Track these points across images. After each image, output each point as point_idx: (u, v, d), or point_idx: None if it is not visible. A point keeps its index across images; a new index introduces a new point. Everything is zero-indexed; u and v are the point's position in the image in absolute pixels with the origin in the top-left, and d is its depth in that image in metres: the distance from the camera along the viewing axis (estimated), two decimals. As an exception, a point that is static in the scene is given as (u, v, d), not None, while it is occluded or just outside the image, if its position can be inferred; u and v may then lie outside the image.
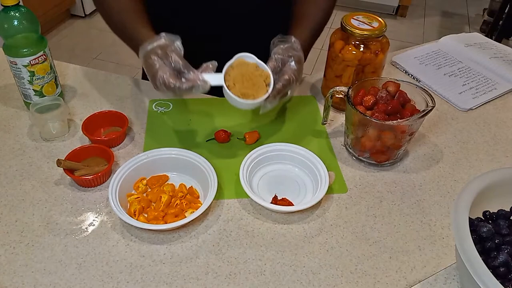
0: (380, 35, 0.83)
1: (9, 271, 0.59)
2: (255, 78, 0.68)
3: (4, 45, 0.78)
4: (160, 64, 0.66)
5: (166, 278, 0.60)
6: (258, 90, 0.68)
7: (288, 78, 0.70)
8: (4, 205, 0.68)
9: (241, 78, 0.68)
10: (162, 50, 0.67)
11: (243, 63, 0.69)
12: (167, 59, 0.66)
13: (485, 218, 0.58)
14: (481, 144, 0.85)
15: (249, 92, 0.68)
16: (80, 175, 0.71)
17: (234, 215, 0.69)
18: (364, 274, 0.61)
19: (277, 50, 0.73)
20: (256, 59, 0.69)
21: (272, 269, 0.61)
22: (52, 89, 0.85)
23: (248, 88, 0.68)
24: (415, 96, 0.76)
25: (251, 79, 0.68)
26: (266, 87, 0.68)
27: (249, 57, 0.69)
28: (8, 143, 0.79)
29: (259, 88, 0.68)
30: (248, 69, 0.69)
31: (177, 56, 0.66)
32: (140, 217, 0.66)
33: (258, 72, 0.69)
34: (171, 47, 0.68)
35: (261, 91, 0.68)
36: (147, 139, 0.81)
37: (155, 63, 0.66)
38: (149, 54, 0.67)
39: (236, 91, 0.67)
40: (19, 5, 0.76)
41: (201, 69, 0.68)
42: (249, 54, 0.69)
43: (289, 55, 0.72)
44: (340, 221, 0.69)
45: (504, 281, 0.50)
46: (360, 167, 0.79)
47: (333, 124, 0.88)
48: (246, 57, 0.69)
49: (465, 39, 1.17)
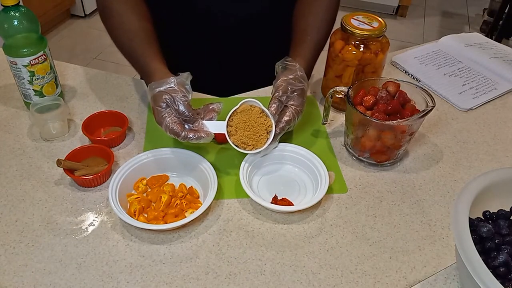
0: (380, 35, 0.83)
1: (9, 271, 0.59)
2: (258, 126, 0.71)
3: (4, 45, 0.78)
4: (167, 112, 0.68)
5: (166, 278, 0.60)
6: (258, 140, 0.71)
7: (289, 119, 0.73)
8: (4, 205, 0.68)
9: (243, 125, 0.71)
10: (170, 96, 0.69)
11: (247, 108, 0.72)
12: (174, 106, 0.68)
13: (485, 218, 0.58)
14: (481, 144, 0.85)
15: (249, 141, 0.71)
16: (80, 175, 0.71)
17: (234, 215, 0.69)
18: (364, 274, 0.61)
19: (280, 85, 0.74)
20: (261, 106, 0.72)
21: (272, 269, 0.61)
22: (52, 89, 0.85)
23: (249, 137, 0.71)
24: (415, 96, 0.76)
25: (253, 127, 0.71)
26: (267, 135, 0.72)
27: (255, 102, 0.72)
28: (8, 143, 0.79)
29: (260, 137, 0.71)
30: (251, 116, 0.71)
31: (184, 107, 0.68)
32: (140, 217, 0.66)
33: (261, 120, 0.71)
34: (179, 95, 0.69)
35: (261, 141, 0.71)
36: (147, 139, 0.81)
37: (162, 111, 0.68)
38: (157, 98, 0.69)
39: (237, 139, 0.71)
40: (19, 5, 0.76)
41: (204, 112, 0.71)
42: (254, 100, 0.72)
43: (292, 90, 0.74)
44: (340, 221, 0.69)
45: (504, 281, 0.50)
46: (360, 167, 0.79)
47: (333, 124, 0.88)
48: (251, 102, 0.72)
49: (465, 39, 1.17)
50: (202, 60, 1.02)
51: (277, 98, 0.73)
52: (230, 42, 0.95)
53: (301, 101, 0.75)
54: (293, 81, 0.74)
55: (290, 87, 0.74)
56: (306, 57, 0.81)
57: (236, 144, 0.71)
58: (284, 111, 0.73)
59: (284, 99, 0.73)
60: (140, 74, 0.81)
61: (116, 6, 0.80)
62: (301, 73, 0.76)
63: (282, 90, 0.73)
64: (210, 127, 0.70)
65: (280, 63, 0.79)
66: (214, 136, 0.70)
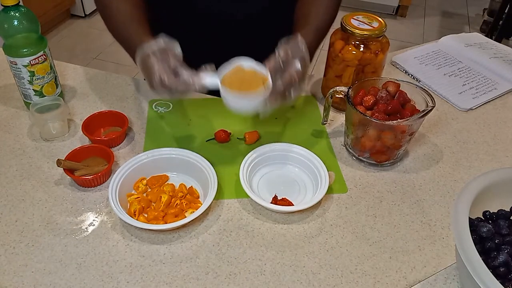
0: (380, 35, 0.83)
1: (9, 271, 0.59)
2: (253, 80, 0.67)
3: (4, 45, 0.78)
4: (158, 64, 0.65)
5: (166, 278, 0.60)
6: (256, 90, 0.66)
7: (289, 79, 0.67)
8: (4, 205, 0.68)
9: (238, 80, 0.67)
10: (160, 52, 0.67)
11: (240, 70, 0.68)
12: (165, 61, 0.66)
13: (485, 218, 0.58)
14: (481, 144, 0.85)
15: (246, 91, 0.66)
16: (80, 175, 0.71)
17: (234, 215, 0.69)
18: (364, 274, 0.61)
19: (281, 49, 0.70)
20: (253, 65, 0.68)
21: (272, 269, 0.61)
22: (52, 89, 0.85)
23: (245, 88, 0.66)
24: (415, 96, 0.76)
25: (248, 81, 0.67)
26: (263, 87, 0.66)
27: (247, 62, 0.68)
28: (8, 143, 0.79)
29: (257, 88, 0.66)
30: (245, 74, 0.68)
31: (175, 59, 0.66)
32: (140, 217, 0.66)
33: (257, 75, 0.67)
34: (170, 50, 0.67)
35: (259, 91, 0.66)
36: (147, 139, 0.81)
37: (154, 63, 0.66)
38: (148, 54, 0.67)
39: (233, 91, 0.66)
40: (19, 5, 0.76)
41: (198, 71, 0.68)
42: (246, 58, 0.68)
43: (293, 55, 0.69)
44: (340, 221, 0.69)
45: (504, 281, 0.50)
46: (360, 167, 0.79)
47: (333, 124, 0.88)
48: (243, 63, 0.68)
49: (465, 39, 1.17)
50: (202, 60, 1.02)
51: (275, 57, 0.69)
52: (230, 42, 0.95)
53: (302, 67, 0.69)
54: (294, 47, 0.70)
55: (291, 53, 0.69)
56: (307, 39, 0.76)
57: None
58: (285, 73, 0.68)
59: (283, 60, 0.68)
60: (127, 47, 0.78)
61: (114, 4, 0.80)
62: (302, 45, 0.71)
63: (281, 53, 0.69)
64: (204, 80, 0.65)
65: (282, 40, 0.74)
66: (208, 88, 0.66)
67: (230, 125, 0.84)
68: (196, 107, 0.90)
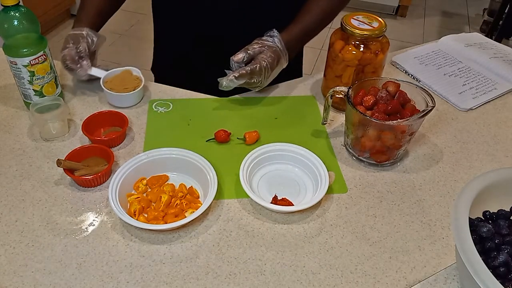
0: (380, 35, 0.83)
1: (9, 271, 0.59)
2: (131, 83, 0.89)
3: (4, 45, 0.78)
4: (70, 46, 0.85)
5: (166, 278, 0.60)
6: (129, 91, 0.87)
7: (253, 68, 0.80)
8: (4, 205, 0.68)
9: (120, 82, 0.89)
10: (76, 37, 0.86)
11: (127, 72, 0.92)
12: (77, 45, 0.85)
13: (485, 218, 0.58)
14: (481, 144, 0.85)
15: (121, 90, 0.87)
16: (80, 175, 0.71)
17: (234, 215, 0.69)
18: (364, 274, 0.61)
19: (253, 42, 0.84)
20: (139, 72, 0.91)
21: (272, 269, 0.61)
22: (52, 89, 0.85)
23: (121, 89, 0.87)
24: (415, 96, 0.76)
25: (128, 83, 0.89)
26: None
27: (136, 69, 0.92)
28: (8, 143, 0.79)
29: (130, 90, 0.88)
30: (127, 78, 0.90)
31: (85, 45, 0.85)
32: (140, 217, 0.66)
33: (137, 81, 0.90)
34: (85, 38, 0.86)
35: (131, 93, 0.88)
36: (147, 139, 0.81)
37: (67, 45, 0.85)
38: (68, 37, 0.86)
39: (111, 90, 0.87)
40: (19, 5, 0.76)
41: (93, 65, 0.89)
42: (135, 68, 0.92)
43: (264, 46, 0.82)
44: (340, 221, 0.69)
45: (504, 281, 0.50)
46: (360, 167, 0.78)
47: (333, 124, 0.88)
48: (133, 68, 0.92)
49: (465, 39, 1.17)
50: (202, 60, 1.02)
51: (245, 49, 0.82)
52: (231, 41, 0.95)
53: (269, 54, 0.81)
54: (267, 40, 0.83)
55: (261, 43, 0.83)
56: (291, 33, 0.87)
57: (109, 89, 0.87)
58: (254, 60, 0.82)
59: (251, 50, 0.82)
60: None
61: None
62: (274, 34, 0.84)
63: (251, 45, 0.83)
64: (94, 71, 0.89)
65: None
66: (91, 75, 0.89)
67: (230, 125, 0.84)
68: (196, 107, 0.90)
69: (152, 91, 0.93)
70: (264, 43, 0.83)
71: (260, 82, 0.83)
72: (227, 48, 0.87)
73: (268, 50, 0.82)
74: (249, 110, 0.90)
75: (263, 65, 0.81)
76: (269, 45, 0.83)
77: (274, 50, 0.83)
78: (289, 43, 0.86)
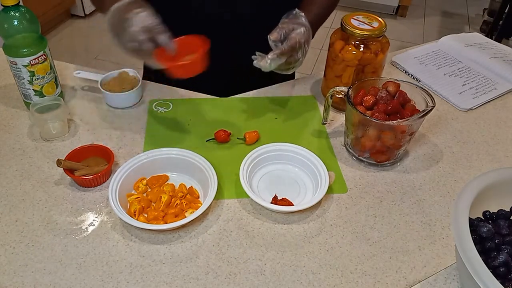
0: (380, 35, 0.83)
1: (9, 271, 0.59)
2: (129, 82, 0.89)
3: (4, 45, 0.78)
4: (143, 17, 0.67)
5: (166, 278, 0.60)
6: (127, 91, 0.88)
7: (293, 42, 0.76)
8: (4, 205, 0.68)
9: (117, 83, 0.89)
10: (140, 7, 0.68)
11: (124, 73, 0.91)
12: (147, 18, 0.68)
13: (485, 218, 0.58)
14: (481, 144, 0.85)
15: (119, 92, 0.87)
16: (80, 175, 0.71)
17: (234, 215, 0.69)
18: (364, 274, 0.61)
19: (283, 21, 0.79)
20: (135, 73, 0.92)
21: (272, 269, 0.61)
22: (52, 89, 0.85)
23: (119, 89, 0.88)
24: (415, 96, 0.76)
25: (125, 83, 0.89)
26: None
27: (132, 70, 0.92)
28: (8, 143, 0.79)
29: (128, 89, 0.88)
30: (124, 77, 0.90)
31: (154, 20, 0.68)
32: (140, 217, 0.66)
33: (132, 80, 0.90)
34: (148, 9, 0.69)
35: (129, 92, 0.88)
36: (147, 139, 0.81)
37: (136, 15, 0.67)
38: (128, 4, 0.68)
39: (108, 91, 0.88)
40: (19, 5, 0.76)
41: None
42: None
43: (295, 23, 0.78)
44: (340, 221, 0.69)
45: (504, 281, 0.50)
46: (360, 167, 0.78)
47: (333, 124, 0.88)
48: (128, 70, 0.92)
49: (465, 39, 1.17)
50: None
51: (278, 28, 0.77)
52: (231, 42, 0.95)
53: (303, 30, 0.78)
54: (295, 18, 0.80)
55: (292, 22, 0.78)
56: (312, 13, 0.84)
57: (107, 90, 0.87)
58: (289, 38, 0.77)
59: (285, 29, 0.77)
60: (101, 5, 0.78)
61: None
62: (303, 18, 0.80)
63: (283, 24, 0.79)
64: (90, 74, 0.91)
65: (284, 16, 0.82)
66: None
67: (230, 125, 0.84)
68: (196, 107, 0.90)
69: (152, 91, 0.93)
70: (294, 21, 0.79)
71: (299, 58, 0.80)
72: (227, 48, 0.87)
73: (300, 26, 0.78)
74: (249, 110, 0.90)
75: (301, 41, 0.77)
76: (299, 22, 0.79)
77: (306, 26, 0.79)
78: (311, 22, 0.83)
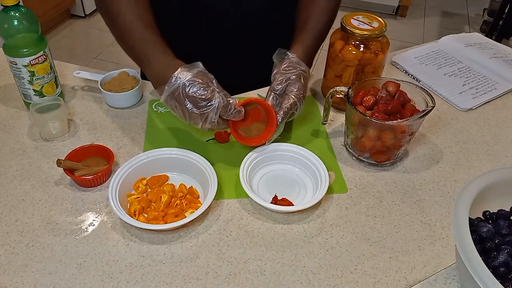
0: (380, 35, 0.83)
1: (9, 271, 0.59)
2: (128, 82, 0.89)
3: (4, 45, 0.78)
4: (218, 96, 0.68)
5: (166, 278, 0.60)
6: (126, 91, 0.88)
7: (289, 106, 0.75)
8: (4, 205, 0.68)
9: (117, 83, 0.89)
10: (205, 77, 0.69)
11: (124, 73, 0.91)
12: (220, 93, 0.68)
13: (485, 218, 0.58)
14: (481, 144, 0.85)
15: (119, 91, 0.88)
16: (80, 175, 0.71)
17: (234, 215, 0.69)
18: (364, 274, 0.61)
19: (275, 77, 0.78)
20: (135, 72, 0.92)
21: (272, 269, 0.61)
22: (52, 89, 0.85)
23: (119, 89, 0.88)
24: (415, 96, 0.76)
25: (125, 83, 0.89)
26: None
27: (131, 70, 0.92)
28: (8, 143, 0.79)
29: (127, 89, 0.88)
30: (124, 77, 0.91)
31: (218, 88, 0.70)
32: (140, 217, 0.66)
33: (131, 81, 0.90)
34: (210, 77, 0.70)
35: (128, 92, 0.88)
36: (147, 139, 0.81)
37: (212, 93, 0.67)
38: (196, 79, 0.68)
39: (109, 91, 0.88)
40: (19, 5, 0.76)
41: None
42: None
43: (287, 78, 0.77)
44: (340, 221, 0.69)
45: (504, 281, 0.50)
46: (360, 167, 0.78)
47: (333, 124, 0.88)
48: (128, 70, 0.91)
49: (465, 39, 1.17)
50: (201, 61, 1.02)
51: (273, 90, 0.76)
52: (230, 42, 0.95)
53: (299, 85, 0.77)
54: (288, 68, 0.77)
55: (285, 76, 0.77)
56: (305, 43, 0.83)
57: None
58: (284, 99, 0.76)
59: (279, 89, 0.76)
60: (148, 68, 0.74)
61: (122, 15, 0.76)
62: (296, 60, 0.79)
63: (277, 82, 0.77)
64: (91, 75, 0.90)
65: (276, 55, 0.81)
66: None
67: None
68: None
69: (152, 91, 0.93)
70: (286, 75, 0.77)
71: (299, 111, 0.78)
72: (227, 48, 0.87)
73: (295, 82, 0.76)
74: (249, 110, 0.90)
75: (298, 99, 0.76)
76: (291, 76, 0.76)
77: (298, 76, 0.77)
78: (306, 54, 0.81)
